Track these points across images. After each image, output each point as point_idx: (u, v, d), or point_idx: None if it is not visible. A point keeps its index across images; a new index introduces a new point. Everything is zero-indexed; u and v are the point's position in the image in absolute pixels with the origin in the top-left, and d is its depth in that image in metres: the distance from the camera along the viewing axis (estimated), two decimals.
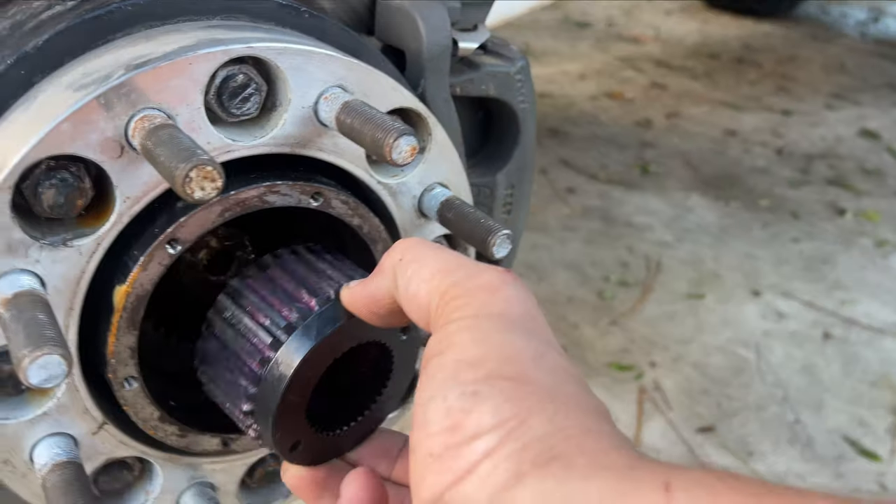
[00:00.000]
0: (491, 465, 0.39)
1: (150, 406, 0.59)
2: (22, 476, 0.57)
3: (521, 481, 0.38)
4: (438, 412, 0.41)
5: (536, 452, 0.38)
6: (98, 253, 0.53)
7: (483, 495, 0.38)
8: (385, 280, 0.50)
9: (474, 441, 0.39)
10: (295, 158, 0.59)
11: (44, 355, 0.43)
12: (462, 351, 0.42)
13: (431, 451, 0.41)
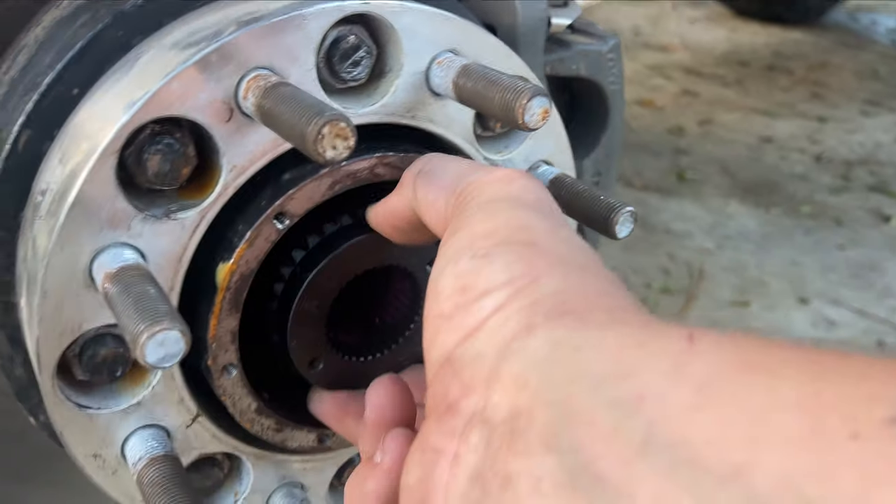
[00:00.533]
0: (501, 318, 0.37)
1: (249, 397, 0.54)
2: (112, 472, 0.52)
3: (531, 332, 0.35)
4: (449, 278, 0.40)
5: (549, 307, 0.36)
6: (201, 227, 0.49)
7: (492, 348, 0.36)
8: (405, 192, 0.49)
9: (484, 298, 0.38)
10: (394, 129, 0.55)
11: (162, 331, 0.39)
12: (474, 226, 0.41)
13: (442, 312, 0.39)
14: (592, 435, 0.30)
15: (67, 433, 0.50)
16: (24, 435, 0.72)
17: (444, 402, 0.37)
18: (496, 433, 0.34)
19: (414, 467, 0.38)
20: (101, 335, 0.49)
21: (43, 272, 0.45)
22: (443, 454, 0.36)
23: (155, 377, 0.52)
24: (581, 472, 0.30)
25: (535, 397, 0.33)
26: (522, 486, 0.31)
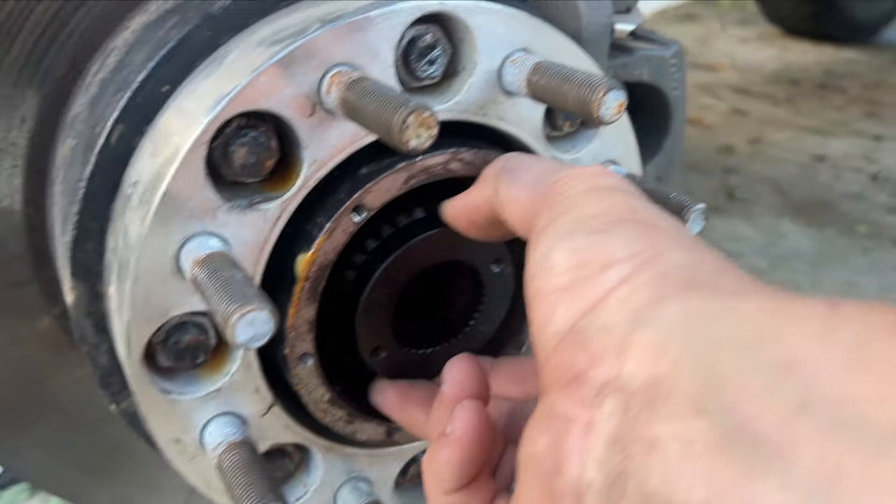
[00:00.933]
0: (627, 290, 0.36)
1: (322, 387, 0.55)
2: (191, 457, 0.54)
3: (663, 302, 0.35)
4: (564, 253, 0.39)
5: (677, 279, 0.36)
6: (282, 219, 0.50)
7: (621, 318, 0.35)
8: (486, 188, 0.49)
9: (607, 270, 0.37)
10: (466, 127, 0.56)
11: (252, 311, 0.40)
12: (584, 207, 0.41)
13: (559, 286, 0.38)
14: (745, 397, 0.29)
15: (151, 417, 0.51)
16: (97, 427, 0.74)
17: (569, 372, 0.36)
18: (634, 400, 0.33)
19: (540, 436, 0.37)
20: (185, 323, 0.51)
21: (135, 258, 0.47)
22: (574, 421, 0.35)
23: (233, 365, 0.53)
24: (736, 434, 0.29)
25: (677, 364, 0.32)
26: (672, 450, 0.31)
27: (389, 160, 0.52)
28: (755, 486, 0.28)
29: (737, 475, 0.29)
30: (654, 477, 0.31)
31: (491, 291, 0.60)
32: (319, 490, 0.61)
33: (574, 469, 0.35)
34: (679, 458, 0.30)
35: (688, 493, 0.30)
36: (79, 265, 0.53)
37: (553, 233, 0.41)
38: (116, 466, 0.75)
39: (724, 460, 0.29)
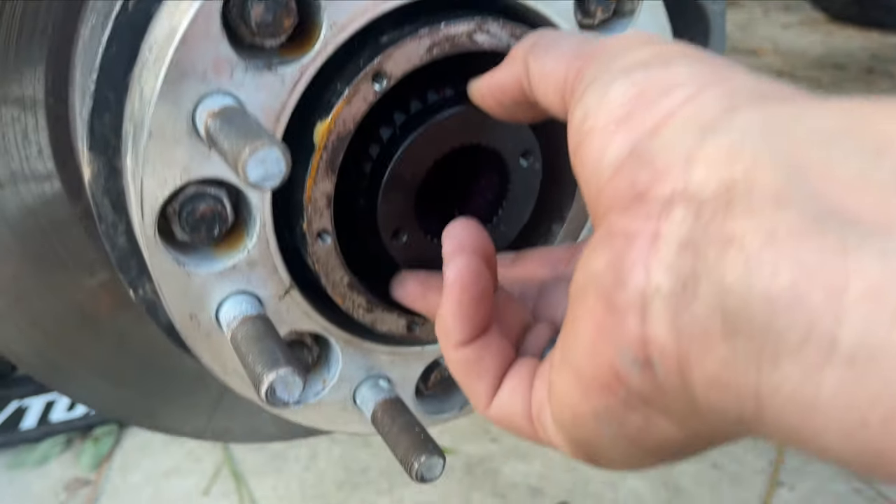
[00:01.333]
0: (694, 106, 0.33)
1: (341, 269, 0.54)
2: (206, 335, 0.53)
3: (736, 112, 0.32)
4: (621, 87, 0.36)
5: (748, 93, 0.33)
6: (301, 84, 0.49)
7: (689, 131, 0.33)
8: (515, 66, 0.47)
9: (670, 92, 0.34)
10: (494, 3, 0.54)
11: (263, 147, 0.39)
12: (639, 52, 0.38)
13: (615, 118, 0.36)
14: (834, 184, 0.27)
15: (166, 289, 0.50)
16: (123, 340, 0.74)
17: (631, 193, 0.33)
18: (707, 205, 0.30)
19: (600, 255, 0.34)
20: (201, 194, 0.50)
21: (150, 113, 0.46)
22: (638, 235, 0.32)
23: (250, 242, 0.52)
24: (827, 216, 0.27)
25: (755, 164, 0.30)
26: (752, 241, 0.28)
27: (411, 26, 0.50)
28: (849, 261, 0.26)
29: (827, 253, 0.26)
30: (732, 271, 0.29)
31: (517, 186, 0.58)
32: (338, 386, 0.59)
33: (639, 278, 0.32)
34: (761, 248, 0.28)
35: (771, 279, 0.27)
36: (96, 138, 0.52)
37: (604, 77, 0.38)
38: (145, 381, 0.74)
39: (813, 242, 0.27)
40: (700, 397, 0.31)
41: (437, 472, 0.52)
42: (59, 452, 1.61)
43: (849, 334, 0.26)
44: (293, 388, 0.45)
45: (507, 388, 0.44)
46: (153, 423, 0.76)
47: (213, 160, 0.48)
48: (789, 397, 0.27)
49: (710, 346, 0.30)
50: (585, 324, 0.35)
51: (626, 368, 0.33)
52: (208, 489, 1.50)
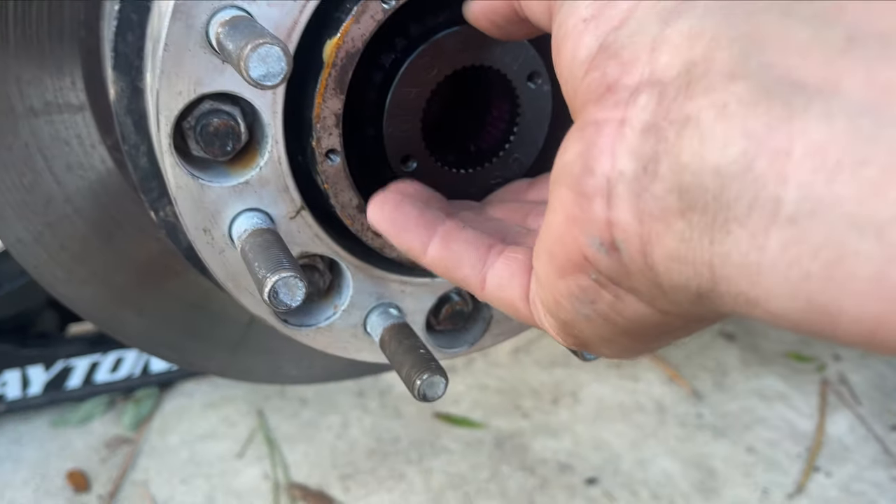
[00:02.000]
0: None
1: (350, 190, 0.55)
2: (220, 252, 0.55)
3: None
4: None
5: None
6: (312, 2, 0.50)
7: (652, 20, 0.33)
8: None
9: None
10: None
11: (264, 44, 0.40)
12: None
13: (582, 17, 0.36)
14: (786, 51, 0.28)
15: (181, 201, 0.52)
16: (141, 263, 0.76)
17: (602, 86, 0.34)
18: (669, 88, 0.31)
19: (572, 145, 0.35)
20: (216, 110, 0.52)
21: (166, 26, 0.48)
22: (606, 123, 0.33)
23: (262, 159, 0.53)
24: (775, 84, 0.27)
25: (714, 40, 0.30)
26: (706, 117, 0.29)
27: None
28: (793, 125, 0.26)
29: (773, 120, 0.27)
30: (688, 148, 0.30)
31: (527, 110, 0.58)
32: (349, 311, 0.60)
33: (605, 164, 0.33)
34: (713, 122, 0.29)
35: (722, 151, 0.28)
36: (120, 57, 0.54)
37: None
38: (169, 311, 0.77)
39: (761, 111, 0.28)
40: (662, 275, 0.32)
41: (440, 392, 0.53)
42: (101, 412, 1.67)
43: (792, 193, 0.26)
44: (296, 291, 0.46)
45: (502, 274, 0.45)
46: (180, 357, 0.78)
47: (226, 74, 0.49)
48: (738, 263, 0.28)
49: (669, 223, 0.31)
50: (557, 212, 0.36)
51: (593, 251, 0.34)
52: (242, 453, 1.53)
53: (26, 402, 1.62)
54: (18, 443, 1.61)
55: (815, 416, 1.76)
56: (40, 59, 0.63)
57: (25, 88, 0.63)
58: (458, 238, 0.48)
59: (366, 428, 1.59)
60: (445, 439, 1.55)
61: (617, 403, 1.66)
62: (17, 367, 1.61)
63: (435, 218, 0.50)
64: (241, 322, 0.77)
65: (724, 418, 1.63)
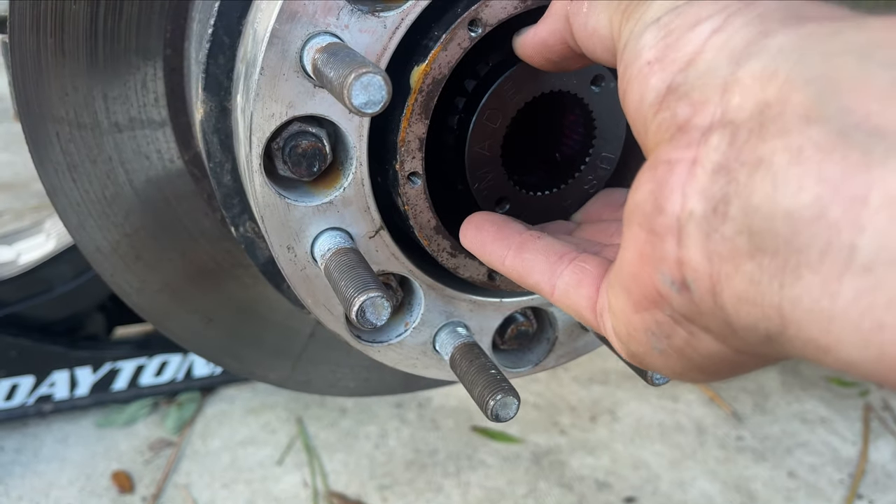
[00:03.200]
0: (724, 37, 0.34)
1: (429, 212, 0.56)
2: (301, 269, 0.56)
3: (769, 35, 0.32)
4: (650, 32, 0.37)
5: (780, 15, 0.33)
6: (401, 29, 0.52)
7: (723, 60, 0.33)
8: (556, 23, 0.48)
9: (695, 27, 0.35)
10: None
11: (368, 73, 0.42)
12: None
13: (647, 60, 0.36)
14: (864, 97, 0.28)
15: (267, 219, 0.54)
16: (216, 279, 0.78)
17: (673, 126, 0.35)
18: (742, 129, 0.32)
19: (644, 184, 0.36)
20: (303, 132, 0.53)
21: (262, 50, 0.49)
22: (678, 163, 0.34)
23: (346, 180, 0.55)
24: (853, 131, 0.27)
25: (788, 82, 0.30)
26: (779, 161, 0.29)
27: None
28: (872, 174, 0.27)
29: (850, 167, 0.27)
30: (760, 191, 0.30)
31: (601, 112, 0.58)
32: (419, 329, 0.62)
33: (676, 204, 0.34)
34: (787, 166, 0.29)
35: (795, 195, 0.28)
36: (211, 79, 0.56)
37: (637, 27, 0.39)
38: (235, 322, 0.78)
39: (838, 157, 0.28)
40: (732, 315, 0.32)
41: (512, 412, 0.53)
42: (145, 414, 1.70)
43: (868, 242, 0.26)
44: (381, 311, 0.47)
45: (570, 282, 0.47)
46: (242, 367, 0.80)
47: (316, 98, 0.51)
48: (809, 309, 0.28)
49: (738, 265, 0.31)
50: (630, 249, 0.37)
51: (665, 289, 0.35)
52: (282, 460, 1.55)
53: (73, 402, 1.66)
54: (65, 443, 1.64)
55: (857, 441, 1.73)
56: (126, 76, 0.65)
57: (112, 105, 0.65)
58: (531, 248, 0.49)
59: (404, 439, 1.60)
60: (483, 453, 1.56)
61: (656, 423, 1.65)
62: (66, 368, 1.65)
63: (513, 232, 0.52)
64: (303, 335, 0.79)
65: (764, 441, 1.61)
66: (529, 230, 0.52)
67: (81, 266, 1.62)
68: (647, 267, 0.36)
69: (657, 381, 0.56)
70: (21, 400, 1.63)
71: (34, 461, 1.58)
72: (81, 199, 0.67)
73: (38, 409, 1.64)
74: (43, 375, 1.64)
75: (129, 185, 0.68)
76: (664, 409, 1.69)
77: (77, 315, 1.69)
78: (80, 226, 0.67)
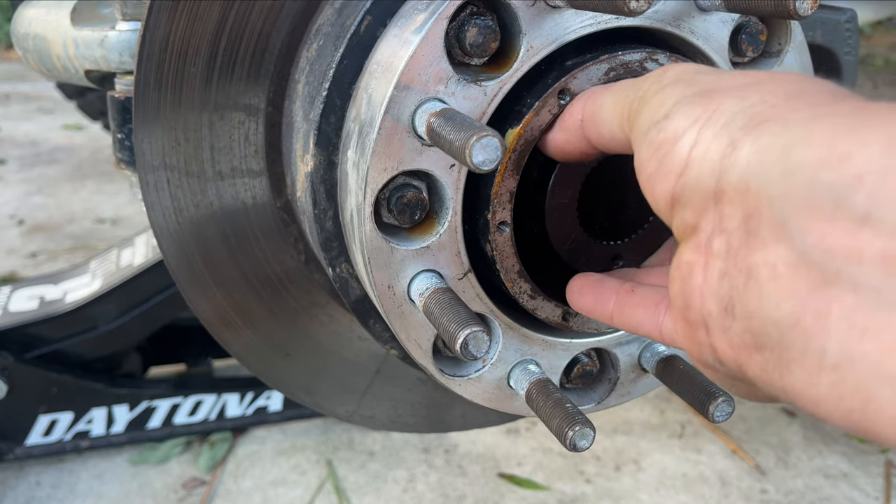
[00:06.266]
0: (701, 150, 0.41)
1: (514, 257, 0.62)
2: (398, 306, 0.62)
3: (737, 147, 0.39)
4: (644, 149, 0.45)
5: (743, 122, 0.40)
6: (498, 97, 0.58)
7: (706, 172, 0.41)
8: (571, 136, 0.56)
9: (677, 143, 0.43)
10: (661, 34, 0.63)
11: (487, 136, 0.48)
12: (649, 107, 0.47)
13: (650, 172, 0.45)
14: (816, 217, 0.35)
15: (373, 261, 0.60)
16: (296, 316, 0.84)
17: (687, 228, 0.43)
18: (734, 237, 0.40)
19: (675, 281, 0.45)
20: (406, 184, 0.60)
21: (381, 114, 0.56)
22: (695, 265, 0.42)
23: (442, 227, 0.61)
24: (811, 251, 0.35)
25: (759, 197, 0.38)
26: (762, 275, 0.37)
27: (592, 55, 0.59)
28: (829, 291, 0.34)
29: (812, 284, 0.35)
30: (752, 299, 0.38)
31: None
32: (496, 365, 0.67)
33: (698, 303, 0.42)
34: (768, 281, 0.37)
35: (776, 307, 0.36)
36: (322, 136, 0.63)
37: (637, 140, 0.47)
38: (310, 357, 0.84)
39: (802, 275, 0.35)
40: (758, 385, 0.41)
41: (589, 442, 0.59)
42: (179, 453, 1.74)
43: (833, 346, 0.34)
44: (482, 344, 0.53)
45: (636, 308, 0.55)
46: (313, 401, 0.85)
47: (423, 155, 0.58)
48: (802, 394, 0.36)
49: (750, 355, 0.39)
50: (678, 331, 0.46)
51: (710, 362, 0.44)
52: (312, 501, 1.58)
53: (108, 439, 1.69)
54: (100, 479, 1.68)
55: (880, 497, 1.75)
56: (232, 130, 0.72)
57: (217, 155, 0.72)
58: (630, 303, 0.56)
59: (431, 484, 1.63)
60: (509, 500, 1.58)
61: (680, 474, 1.68)
62: (104, 406, 1.69)
63: (610, 292, 0.59)
64: (370, 371, 0.84)
65: (788, 495, 1.64)
66: (623, 285, 0.58)
67: (125, 306, 1.68)
68: (693, 346, 0.45)
69: (717, 419, 0.61)
70: (59, 436, 1.67)
71: (70, 497, 1.62)
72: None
73: (75, 444, 1.67)
74: (82, 412, 1.68)
75: (225, 228, 0.74)
76: (688, 460, 1.72)
77: (116, 354, 1.73)
78: (179, 257, 0.73)
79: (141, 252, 1.74)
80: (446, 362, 0.66)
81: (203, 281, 0.77)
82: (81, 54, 0.81)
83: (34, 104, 4.26)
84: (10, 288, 1.79)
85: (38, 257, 2.58)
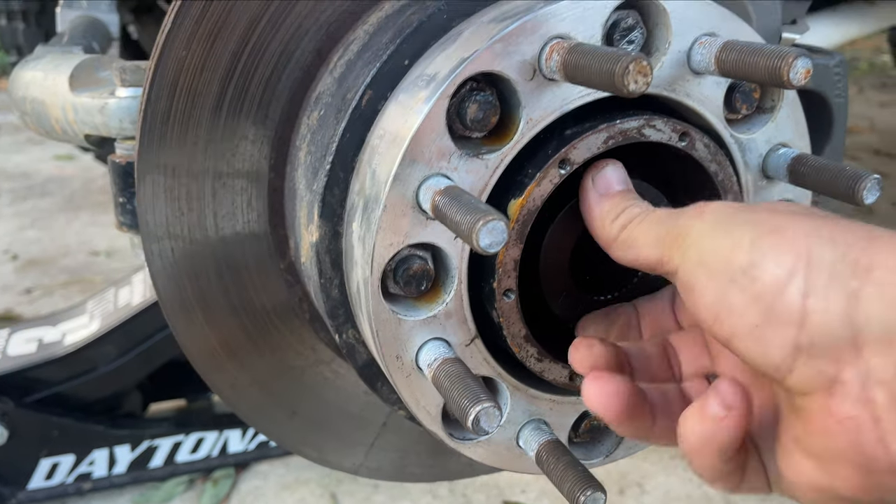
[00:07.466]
0: (819, 302, 0.42)
1: (520, 323, 0.63)
2: (406, 375, 0.62)
3: (860, 299, 0.41)
4: (735, 292, 0.45)
5: (850, 268, 0.42)
6: (500, 169, 0.59)
7: (836, 325, 0.42)
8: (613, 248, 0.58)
9: (783, 293, 0.43)
10: (656, 100, 0.64)
11: (493, 220, 0.49)
12: (726, 248, 0.47)
13: (754, 323, 0.44)
14: None
15: (381, 332, 0.60)
16: (301, 374, 0.84)
17: (824, 379, 0.43)
18: (891, 387, 0.41)
19: (837, 435, 0.44)
20: (412, 256, 0.60)
21: (386, 190, 0.57)
22: (857, 420, 0.42)
23: (448, 296, 0.62)
24: None
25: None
26: None
27: (591, 123, 0.60)
28: None
29: None
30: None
31: None
32: (504, 426, 0.67)
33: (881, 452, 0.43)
34: None
35: None
36: (326, 207, 0.64)
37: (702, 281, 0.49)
38: (314, 414, 0.84)
39: None
40: None
41: None
42: (181, 491, 1.73)
43: None
44: (493, 419, 0.53)
45: None
46: (320, 457, 0.85)
47: (428, 228, 0.58)
48: None
49: None
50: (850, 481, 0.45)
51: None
52: None
53: (111, 480, 1.69)
54: None
55: None
56: (233, 195, 0.73)
57: (220, 221, 0.73)
58: (662, 413, 0.57)
59: None
60: None
61: (684, 495, 1.68)
62: (105, 447, 1.69)
63: (637, 404, 0.56)
64: (376, 424, 0.85)
65: None
66: (645, 391, 0.58)
67: (125, 346, 1.67)
68: (868, 493, 0.44)
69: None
70: (61, 479, 1.67)
71: None
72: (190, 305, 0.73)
73: (77, 487, 1.67)
74: (83, 454, 1.68)
75: (231, 290, 0.75)
76: (691, 481, 1.72)
77: (117, 394, 1.73)
78: (187, 326, 0.74)
79: (139, 291, 1.74)
80: (455, 425, 0.67)
81: (210, 345, 0.77)
82: (81, 119, 0.81)
83: (24, 135, 4.25)
84: (7, 331, 1.78)
85: (33, 293, 2.57)
